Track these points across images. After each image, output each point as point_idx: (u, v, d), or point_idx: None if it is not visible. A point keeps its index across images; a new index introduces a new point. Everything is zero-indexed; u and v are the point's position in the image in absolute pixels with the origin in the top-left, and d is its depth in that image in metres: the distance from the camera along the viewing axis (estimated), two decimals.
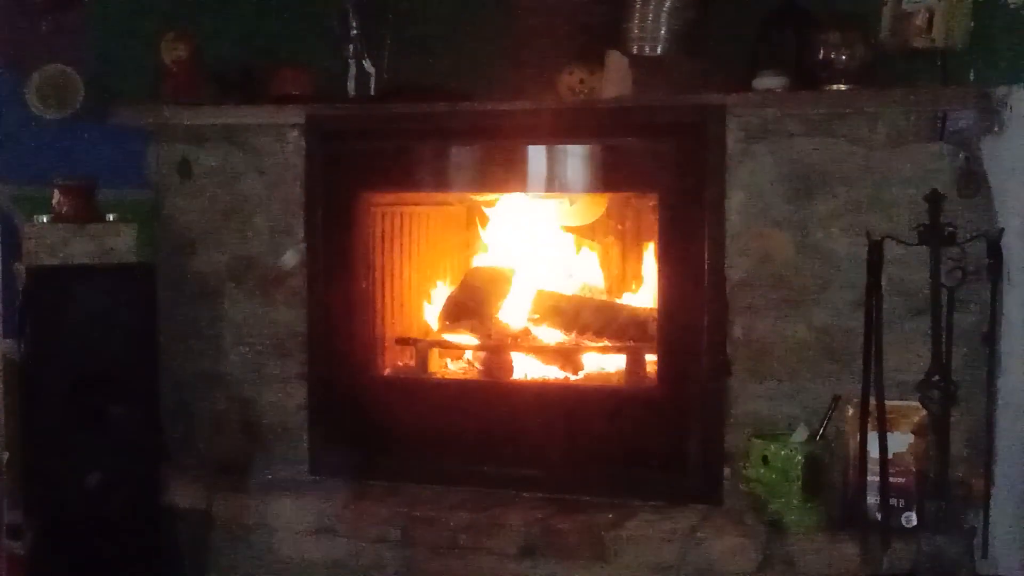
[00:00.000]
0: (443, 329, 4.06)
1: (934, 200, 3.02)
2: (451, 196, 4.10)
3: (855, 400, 3.22)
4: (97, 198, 3.81)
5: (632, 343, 3.81)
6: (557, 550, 3.42)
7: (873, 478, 3.18)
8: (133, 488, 3.73)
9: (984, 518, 3.14)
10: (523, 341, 3.95)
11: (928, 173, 3.30)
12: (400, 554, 3.57)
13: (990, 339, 3.12)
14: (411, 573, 3.57)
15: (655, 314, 3.70)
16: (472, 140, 3.79)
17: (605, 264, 4.13)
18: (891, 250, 3.09)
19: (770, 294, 3.48)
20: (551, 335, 3.96)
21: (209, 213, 4.01)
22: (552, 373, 3.91)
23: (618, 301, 4.03)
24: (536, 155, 3.74)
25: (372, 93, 3.89)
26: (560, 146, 3.70)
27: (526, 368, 3.93)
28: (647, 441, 3.61)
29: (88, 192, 3.79)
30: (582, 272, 4.12)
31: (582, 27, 3.77)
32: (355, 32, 3.89)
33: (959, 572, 3.01)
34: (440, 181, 3.90)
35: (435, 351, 4.02)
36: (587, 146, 3.68)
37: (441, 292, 4.15)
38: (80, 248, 3.73)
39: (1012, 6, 3.35)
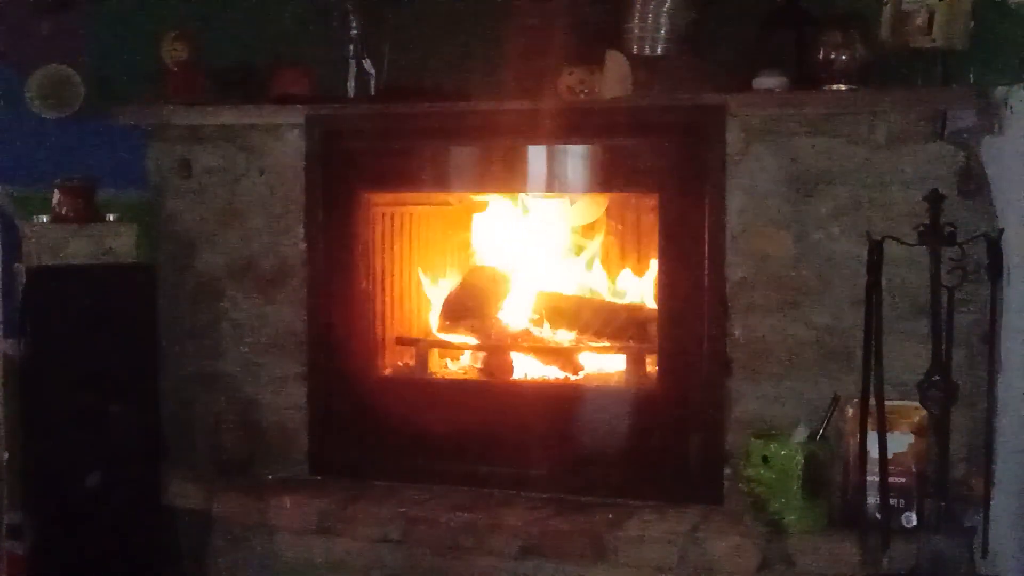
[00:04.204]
0: (443, 329, 4.06)
1: (934, 200, 3.01)
2: (451, 196, 4.10)
3: (855, 400, 3.22)
4: (97, 198, 3.81)
5: (632, 343, 3.81)
6: (557, 550, 3.42)
7: (873, 478, 3.18)
8: (133, 488, 3.74)
9: (984, 518, 3.13)
10: (523, 341, 3.95)
11: (928, 173, 3.30)
12: (400, 554, 3.57)
13: (990, 339, 3.12)
14: (411, 573, 3.57)
15: (655, 314, 3.70)
16: (472, 140, 3.79)
17: (605, 264, 4.13)
18: (891, 250, 3.09)
19: (770, 294, 3.47)
20: (551, 335, 3.96)
21: (209, 213, 4.01)
22: (552, 373, 3.91)
23: (618, 301, 4.03)
24: (536, 155, 3.74)
25: (372, 93, 3.89)
26: (560, 146, 3.70)
27: (526, 368, 3.93)
28: (647, 441, 3.61)
29: (88, 192, 3.79)
30: (582, 272, 4.12)
31: (582, 27, 3.77)
32: (355, 32, 3.89)
33: (959, 572, 3.01)
34: (440, 181, 3.90)
35: (435, 351, 4.02)
36: (587, 146, 3.68)
37: (441, 292, 4.15)
38: (80, 248, 3.73)
39: (1012, 6, 3.35)
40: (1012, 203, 3.27)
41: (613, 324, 3.89)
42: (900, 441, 3.24)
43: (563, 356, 3.92)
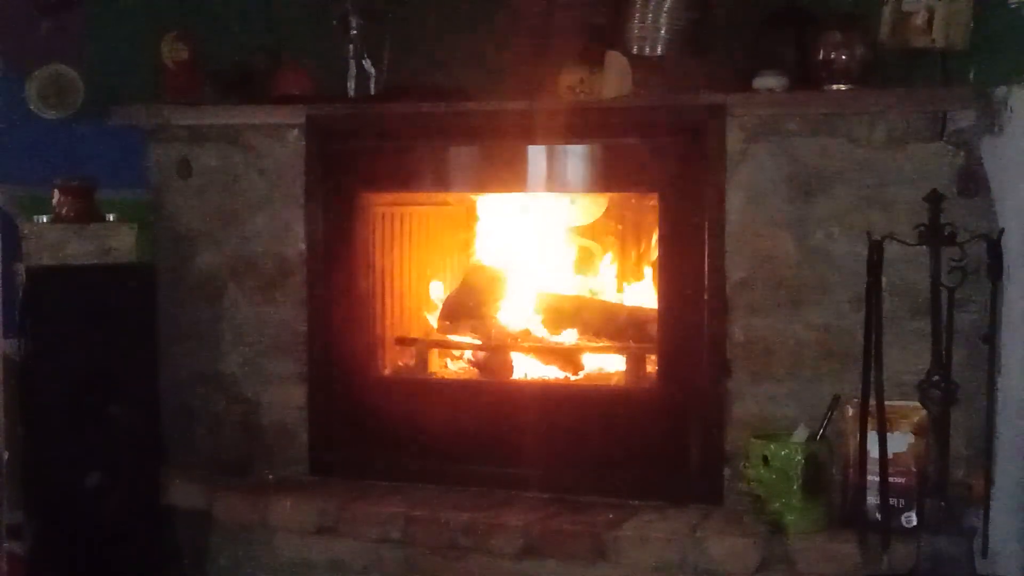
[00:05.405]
0: (443, 329, 4.06)
1: (934, 200, 3.02)
2: (451, 196, 4.10)
3: (855, 400, 3.22)
4: (97, 198, 3.81)
5: (632, 343, 3.81)
6: (557, 550, 3.42)
7: (873, 478, 3.18)
8: (133, 488, 3.74)
9: (984, 518, 3.13)
10: (523, 341, 3.95)
11: (928, 173, 3.30)
12: (400, 554, 3.58)
13: (990, 339, 3.12)
14: (411, 573, 3.57)
15: (655, 314, 3.70)
16: (472, 140, 3.79)
17: (605, 264, 4.13)
18: (891, 250, 3.09)
19: (770, 294, 3.47)
20: (551, 335, 3.96)
21: (209, 213, 4.01)
22: (552, 373, 3.91)
23: (618, 301, 4.03)
24: (536, 155, 3.74)
25: (372, 93, 3.89)
26: (560, 146, 3.70)
27: (526, 368, 3.93)
28: (647, 441, 3.61)
29: (88, 192, 3.79)
30: (582, 272, 4.12)
31: (582, 27, 3.77)
32: (355, 32, 3.89)
33: (959, 572, 3.01)
34: (440, 181, 3.90)
35: (435, 351, 4.02)
36: (587, 146, 3.68)
37: (441, 292, 4.16)
38: (80, 248, 3.73)
39: (1012, 6, 3.35)
40: (1012, 203, 3.27)
41: (613, 324, 3.89)
42: (900, 441, 3.25)
43: (563, 356, 3.92)
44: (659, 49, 3.63)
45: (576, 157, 3.73)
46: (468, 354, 4.04)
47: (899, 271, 3.25)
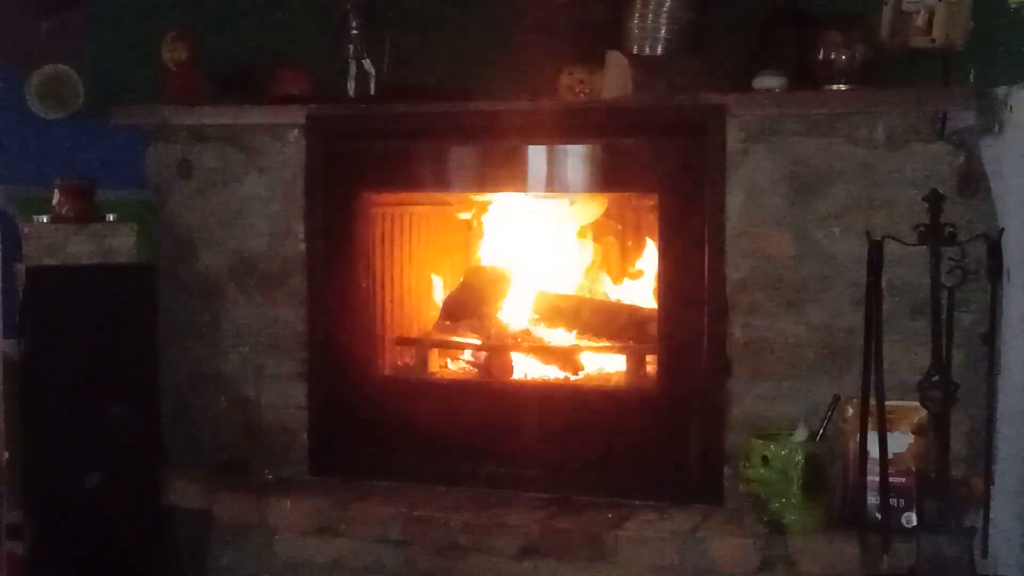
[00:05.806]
0: (443, 329, 4.06)
1: (934, 200, 3.01)
2: (451, 196, 4.10)
3: (855, 400, 3.22)
4: (97, 198, 3.81)
5: (632, 343, 3.81)
6: (557, 550, 3.42)
7: (873, 478, 3.18)
8: (133, 488, 3.74)
9: (984, 518, 3.13)
10: (523, 341, 3.95)
11: (928, 173, 3.30)
12: (400, 554, 3.57)
13: (990, 339, 3.12)
14: (411, 573, 3.57)
15: (655, 314, 3.70)
16: (472, 140, 3.79)
17: (605, 264, 4.13)
18: (891, 250, 3.09)
19: (770, 294, 3.47)
20: (551, 335, 3.96)
21: (209, 213, 4.01)
22: (552, 373, 3.91)
23: (618, 301, 4.02)
24: (536, 155, 3.74)
25: (372, 93, 3.89)
26: (560, 146, 3.70)
27: (526, 368, 3.93)
28: (647, 441, 3.61)
29: (88, 192, 3.79)
30: (582, 272, 4.12)
31: (582, 27, 3.77)
32: (355, 32, 3.89)
33: (959, 572, 3.01)
34: (440, 181, 3.90)
35: (435, 351, 4.02)
36: (587, 146, 3.68)
37: (441, 292, 4.16)
38: (80, 248, 3.73)
39: (1012, 6, 3.35)
40: (1012, 203, 3.27)
41: (613, 324, 3.89)
42: (900, 441, 3.24)
43: (563, 356, 3.91)
44: (659, 49, 3.64)
45: (576, 157, 3.73)
46: (468, 354, 4.04)
47: (899, 271, 3.25)
